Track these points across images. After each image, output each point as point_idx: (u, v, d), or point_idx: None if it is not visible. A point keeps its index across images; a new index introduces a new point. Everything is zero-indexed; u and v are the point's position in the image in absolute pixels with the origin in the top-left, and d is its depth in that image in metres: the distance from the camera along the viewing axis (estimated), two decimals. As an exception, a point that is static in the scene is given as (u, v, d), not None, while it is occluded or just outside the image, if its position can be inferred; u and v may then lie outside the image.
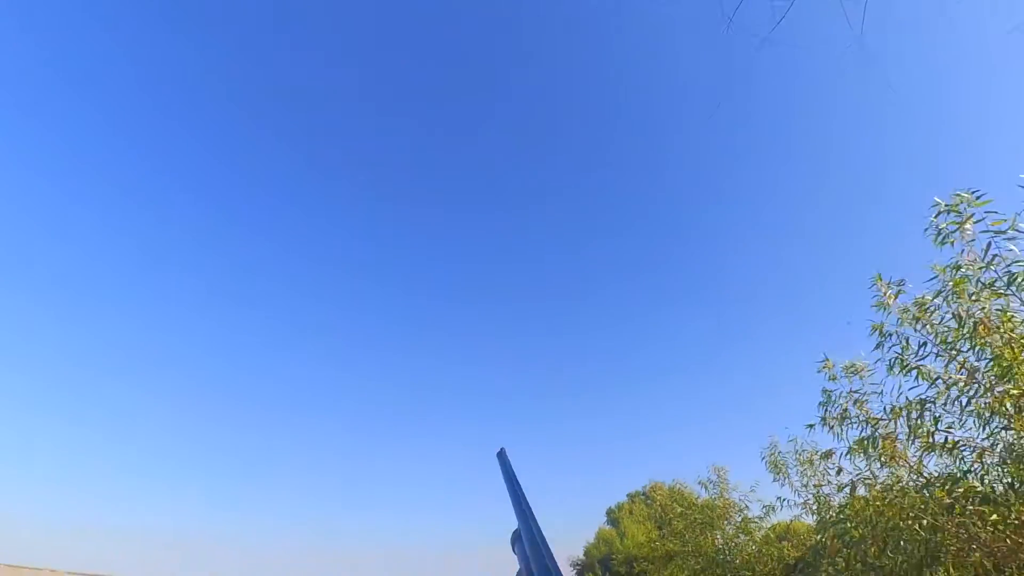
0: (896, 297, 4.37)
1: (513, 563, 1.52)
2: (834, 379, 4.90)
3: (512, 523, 1.58)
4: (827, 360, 4.82)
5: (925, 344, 4.24)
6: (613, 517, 35.76)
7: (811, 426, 5.08)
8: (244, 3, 40.53)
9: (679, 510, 11.62)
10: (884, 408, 4.58)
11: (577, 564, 36.55)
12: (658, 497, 15.35)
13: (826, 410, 4.94)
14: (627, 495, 35.04)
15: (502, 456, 1.90)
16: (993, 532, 3.91)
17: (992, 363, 3.81)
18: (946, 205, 3.81)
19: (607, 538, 34.09)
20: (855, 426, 4.78)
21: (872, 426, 4.72)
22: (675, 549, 11.37)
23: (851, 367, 4.76)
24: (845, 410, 4.83)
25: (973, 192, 3.64)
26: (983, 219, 3.66)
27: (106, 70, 42.48)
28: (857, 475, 5.13)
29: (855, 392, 4.75)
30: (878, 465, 4.81)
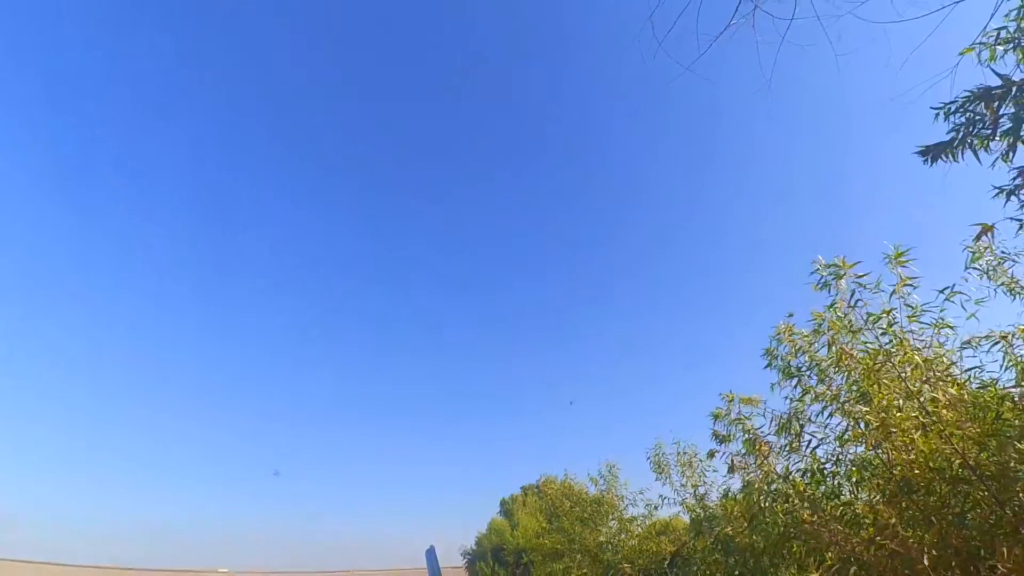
0: (789, 331, 4.88)
1: None
2: (730, 403, 5.41)
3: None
4: (730, 392, 5.33)
5: (801, 368, 4.81)
6: (507, 508, 36.22)
7: (711, 453, 5.57)
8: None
9: (568, 505, 11.84)
10: (766, 418, 5.06)
11: (468, 554, 36.68)
12: (549, 491, 15.62)
13: (715, 426, 5.50)
14: (521, 487, 35.56)
15: (430, 554, 2.20)
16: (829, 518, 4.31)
17: (850, 385, 4.36)
18: (824, 264, 4.59)
19: (499, 529, 34.47)
20: (740, 437, 5.28)
21: (752, 435, 5.22)
22: (563, 546, 11.59)
23: (747, 400, 5.31)
24: (732, 424, 5.34)
25: (844, 258, 4.55)
26: (851, 276, 4.55)
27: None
28: (733, 477, 5.60)
29: (743, 415, 5.26)
30: (754, 462, 5.36)
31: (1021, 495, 3.23)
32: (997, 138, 3.29)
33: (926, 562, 3.30)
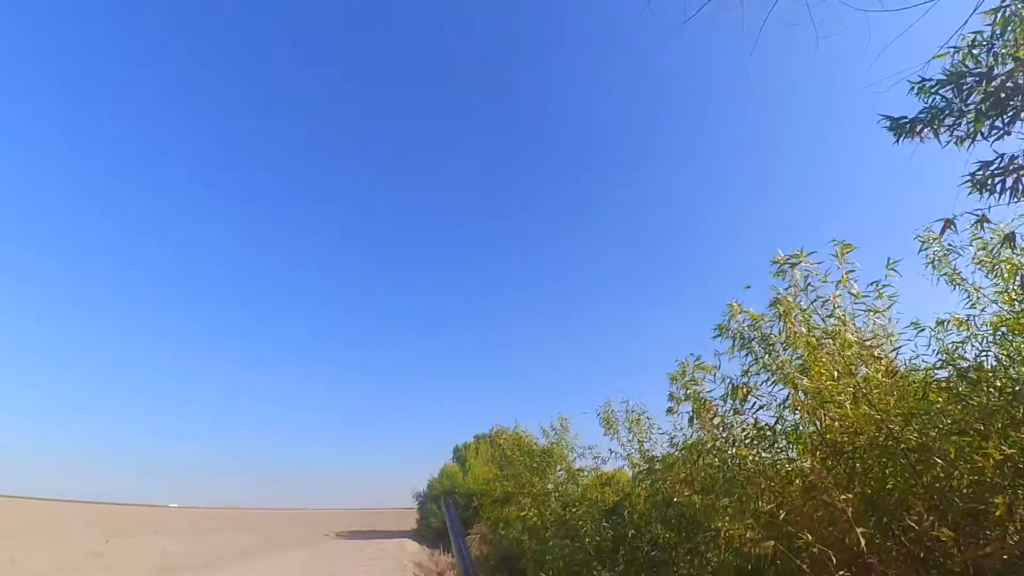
0: (740, 312, 5.16)
1: None
2: (685, 368, 5.50)
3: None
4: (685, 360, 5.49)
5: (752, 341, 4.99)
6: (460, 455, 37.16)
7: (671, 411, 5.75)
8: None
9: (518, 454, 12.19)
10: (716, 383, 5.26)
11: (420, 497, 37.80)
12: (501, 440, 16.10)
13: (673, 391, 5.65)
14: (474, 436, 36.45)
15: (450, 505, 2.46)
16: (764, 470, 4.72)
17: (794, 359, 4.62)
18: (784, 257, 4.85)
19: (452, 474, 35.44)
20: (690, 403, 5.49)
21: (701, 399, 5.44)
22: (511, 490, 12.01)
23: (701, 366, 5.34)
24: (686, 386, 5.54)
25: (802, 249, 4.84)
26: (806, 264, 4.85)
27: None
28: (680, 433, 5.95)
29: (696, 379, 5.40)
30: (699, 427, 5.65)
31: (937, 468, 3.48)
32: (962, 126, 3.34)
33: (850, 514, 3.56)
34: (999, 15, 3.20)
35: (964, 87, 3.15)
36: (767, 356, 4.85)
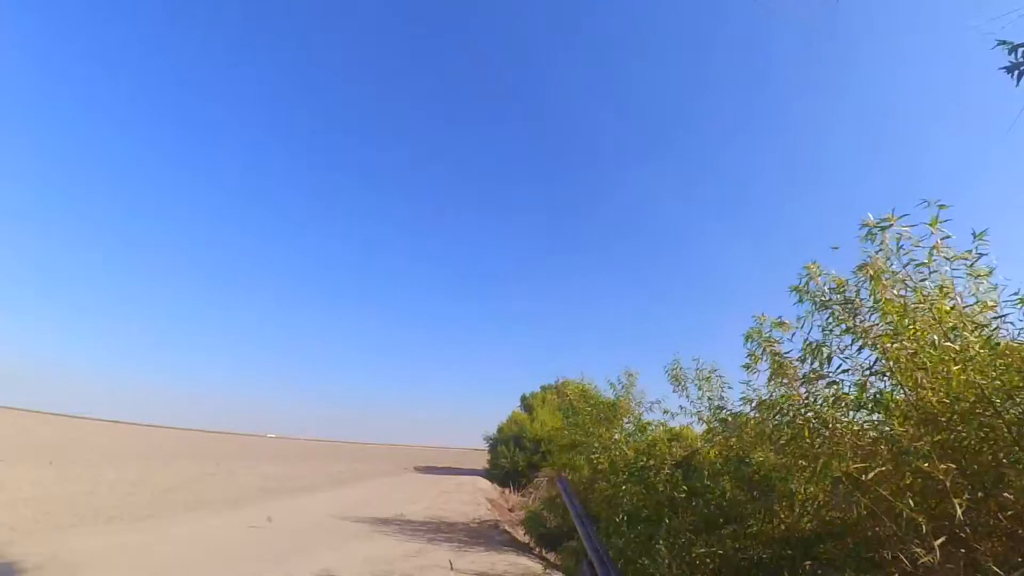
0: (819, 275, 4.91)
1: None
2: (761, 324, 5.43)
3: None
4: (762, 316, 5.35)
5: (834, 302, 4.84)
6: (527, 404, 38.36)
7: (747, 367, 5.64)
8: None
9: (584, 404, 12.40)
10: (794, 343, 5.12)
11: (491, 439, 39.64)
12: (567, 391, 16.47)
13: (748, 347, 5.57)
14: (541, 386, 37.35)
15: (564, 482, 2.60)
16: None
17: (884, 321, 4.37)
18: (874, 221, 4.49)
19: (520, 420, 36.74)
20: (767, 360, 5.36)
21: (780, 358, 5.31)
22: (579, 439, 12.30)
23: (778, 324, 5.18)
24: (764, 345, 5.42)
25: (893, 212, 4.48)
26: (897, 228, 4.48)
27: None
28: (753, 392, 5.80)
29: (773, 338, 5.23)
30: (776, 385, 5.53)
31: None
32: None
33: (948, 484, 3.43)
34: None
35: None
36: (852, 320, 4.60)
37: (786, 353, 5.04)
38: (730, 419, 7.34)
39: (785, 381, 5.27)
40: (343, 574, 8.76)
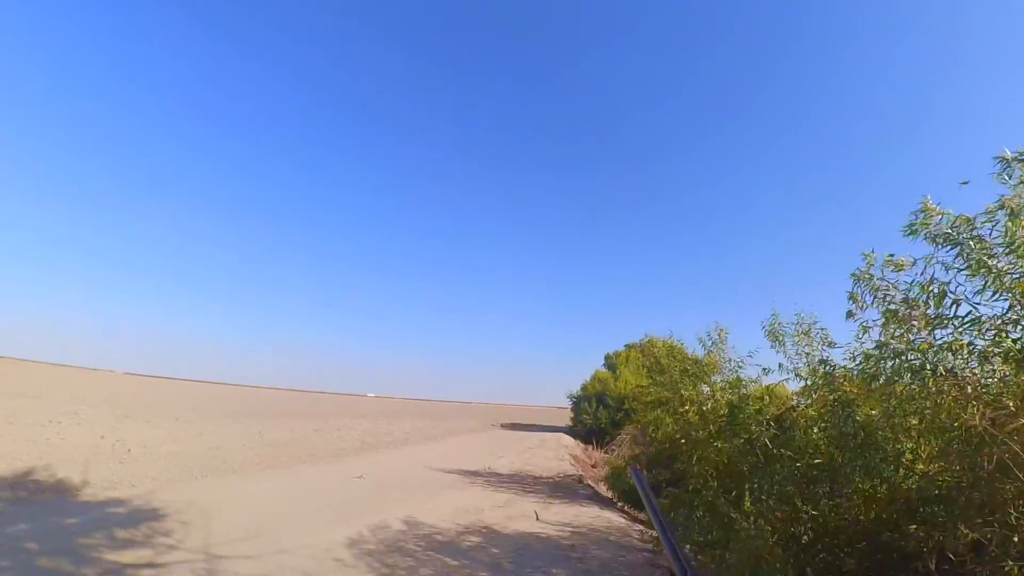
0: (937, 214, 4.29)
1: None
2: (871, 265, 4.81)
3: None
4: (870, 253, 4.72)
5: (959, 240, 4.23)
6: (611, 362, 38.09)
7: (851, 314, 5.05)
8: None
9: (673, 361, 12.05)
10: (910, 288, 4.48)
11: (574, 397, 40.05)
12: (655, 349, 16.07)
13: (855, 289, 4.94)
14: (625, 345, 36.81)
15: (638, 473, 2.57)
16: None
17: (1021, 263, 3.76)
18: (1012, 154, 3.96)
19: (603, 379, 36.68)
20: (879, 303, 4.75)
21: (891, 302, 4.70)
22: (666, 396, 12.05)
23: (891, 262, 4.63)
24: (873, 291, 4.79)
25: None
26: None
27: None
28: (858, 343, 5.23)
29: (888, 281, 4.68)
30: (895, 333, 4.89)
31: None
32: None
33: None
34: None
35: None
36: (984, 259, 3.95)
37: (900, 297, 4.47)
38: (835, 372, 6.78)
39: (900, 332, 4.70)
40: (438, 521, 9.29)
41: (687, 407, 10.13)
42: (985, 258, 4.05)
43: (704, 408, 9.88)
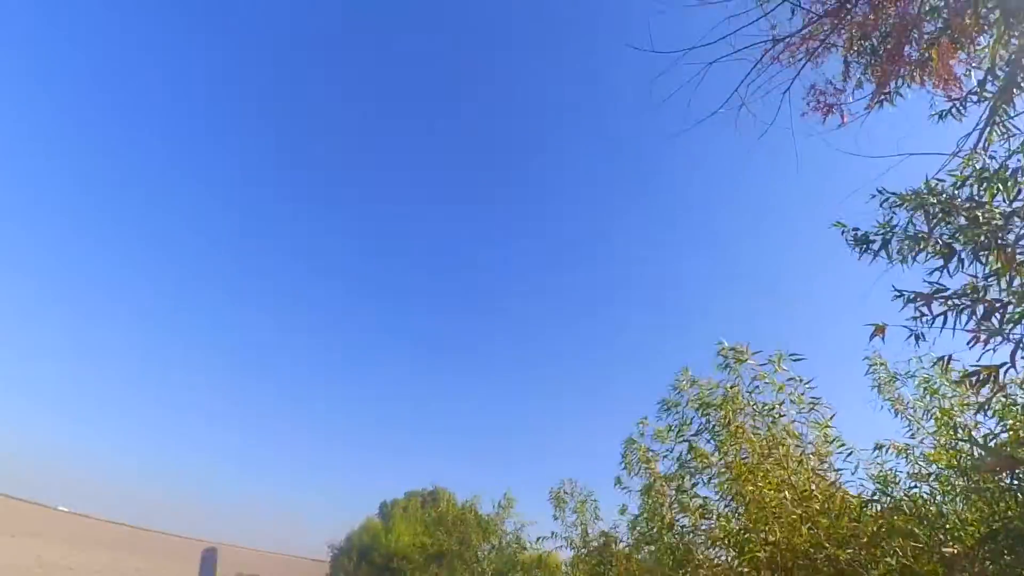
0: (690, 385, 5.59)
1: None
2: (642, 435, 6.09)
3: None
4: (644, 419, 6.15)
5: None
6: (386, 511, 35.29)
7: (619, 481, 6.05)
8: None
9: (456, 520, 12.20)
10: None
11: (335, 548, 35.32)
12: (442, 504, 15.89)
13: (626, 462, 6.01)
14: (405, 492, 34.77)
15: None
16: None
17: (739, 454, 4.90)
18: (727, 347, 5.26)
19: (374, 530, 33.46)
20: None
21: (652, 479, 5.77)
22: (449, 547, 11.95)
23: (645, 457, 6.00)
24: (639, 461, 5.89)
25: (748, 345, 5.27)
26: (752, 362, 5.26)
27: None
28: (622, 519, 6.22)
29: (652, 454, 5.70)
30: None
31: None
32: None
33: None
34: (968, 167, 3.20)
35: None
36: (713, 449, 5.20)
37: (657, 478, 5.56)
38: (596, 544, 7.54)
39: (656, 503, 5.72)
40: None
41: (471, 566, 10.07)
42: (704, 448, 5.25)
43: (477, 570, 9.91)
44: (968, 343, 2.78)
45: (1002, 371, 2.75)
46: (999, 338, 2.68)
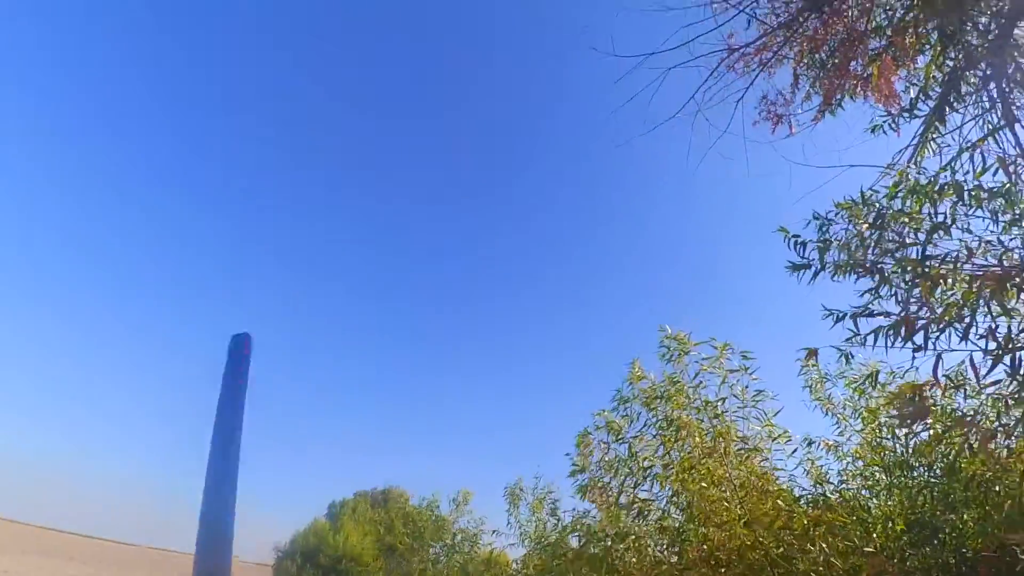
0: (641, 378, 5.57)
1: None
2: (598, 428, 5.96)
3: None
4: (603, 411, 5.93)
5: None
6: (334, 512, 34.39)
7: (573, 474, 6.03)
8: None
9: (409, 520, 12.05)
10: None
11: (280, 551, 34.14)
12: (395, 504, 15.71)
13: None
14: (355, 492, 33.95)
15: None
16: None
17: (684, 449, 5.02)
18: (670, 335, 5.27)
19: (321, 531, 32.52)
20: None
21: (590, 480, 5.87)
22: (401, 546, 11.80)
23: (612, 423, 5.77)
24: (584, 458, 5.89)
25: (689, 335, 5.25)
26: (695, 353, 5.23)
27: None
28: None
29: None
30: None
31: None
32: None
33: None
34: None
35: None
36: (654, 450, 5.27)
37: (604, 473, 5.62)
38: (548, 543, 7.57)
39: (603, 501, 5.75)
40: None
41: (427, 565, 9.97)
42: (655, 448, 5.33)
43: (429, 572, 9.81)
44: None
45: (927, 388, 2.94)
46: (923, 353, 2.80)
